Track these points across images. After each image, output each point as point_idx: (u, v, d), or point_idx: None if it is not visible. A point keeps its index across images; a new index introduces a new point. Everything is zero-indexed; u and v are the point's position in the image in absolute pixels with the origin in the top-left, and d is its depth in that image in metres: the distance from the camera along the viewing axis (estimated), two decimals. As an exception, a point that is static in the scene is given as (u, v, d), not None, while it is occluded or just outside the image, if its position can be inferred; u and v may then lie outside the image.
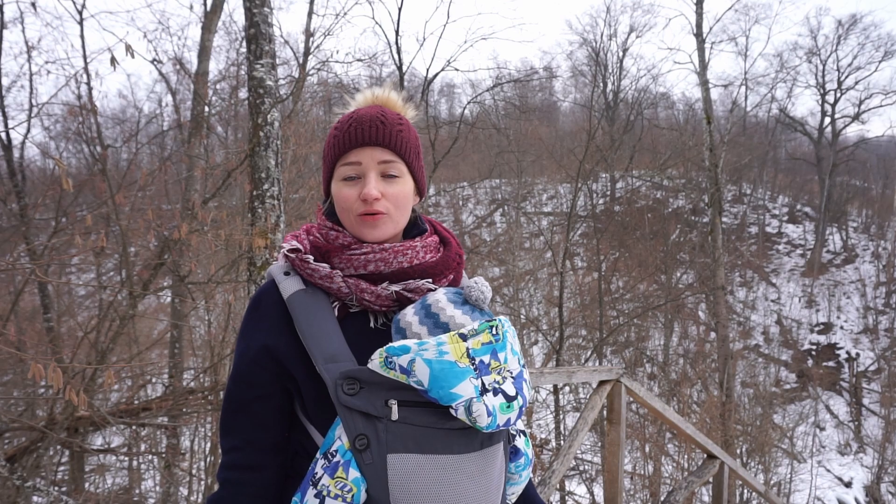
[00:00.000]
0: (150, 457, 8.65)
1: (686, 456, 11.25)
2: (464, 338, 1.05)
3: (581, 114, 32.01)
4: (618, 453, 4.19)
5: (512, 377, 1.07)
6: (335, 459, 1.01)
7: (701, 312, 21.86)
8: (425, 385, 1.00)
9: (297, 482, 1.11)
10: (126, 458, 8.55)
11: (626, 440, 4.63)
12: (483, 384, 1.02)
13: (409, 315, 1.11)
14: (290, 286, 1.14)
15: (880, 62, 29.27)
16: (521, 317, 17.21)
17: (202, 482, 8.58)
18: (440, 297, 1.13)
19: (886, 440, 18.42)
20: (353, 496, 0.99)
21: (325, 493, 1.00)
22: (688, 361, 18.61)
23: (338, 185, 1.17)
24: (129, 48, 3.84)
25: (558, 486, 11.11)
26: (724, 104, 30.54)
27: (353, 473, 0.99)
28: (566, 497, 11.82)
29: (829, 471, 17.14)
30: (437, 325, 1.09)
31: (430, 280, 1.18)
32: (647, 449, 11.87)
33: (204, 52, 9.48)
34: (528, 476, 1.31)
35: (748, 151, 27.57)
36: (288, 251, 1.17)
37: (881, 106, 30.69)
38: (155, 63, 10.48)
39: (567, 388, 16.13)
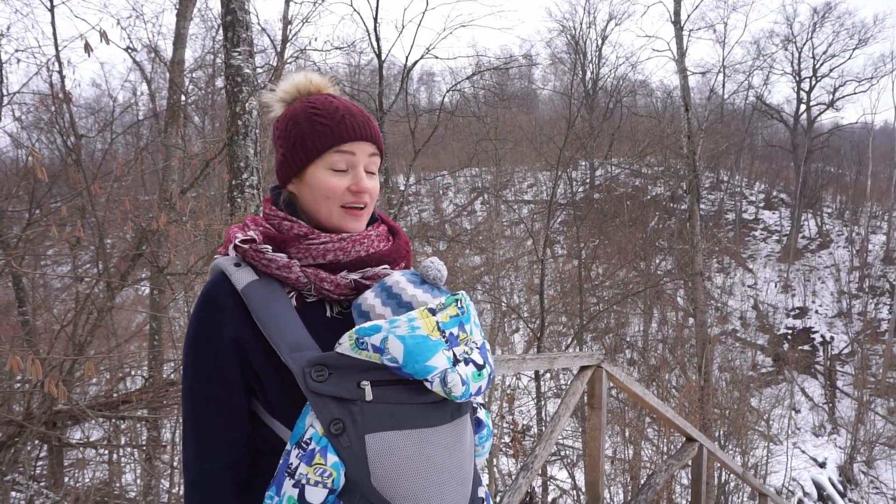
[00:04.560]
0: (130, 450, 8.58)
1: (665, 440, 11.41)
2: (433, 312, 1.08)
3: (560, 102, 32.07)
4: (599, 438, 4.24)
5: (477, 347, 1.11)
6: (310, 447, 1.01)
7: (679, 298, 22.11)
8: (400, 361, 1.02)
9: (261, 480, 1.10)
10: (106, 452, 8.46)
11: (606, 425, 4.69)
12: (454, 355, 1.06)
13: (371, 298, 1.14)
14: (242, 277, 1.12)
15: (854, 50, 29.65)
16: (503, 305, 17.28)
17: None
18: (399, 279, 1.15)
19: (859, 421, 18.85)
20: (332, 481, 1.00)
21: (303, 481, 0.99)
22: (667, 347, 18.84)
23: (323, 173, 1.17)
24: (103, 35, 3.78)
25: (540, 471, 11.22)
26: (701, 92, 30.77)
27: (332, 458, 1.00)
28: (548, 482, 11.95)
29: (804, 452, 17.51)
30: (401, 304, 1.12)
31: (387, 267, 1.21)
32: (627, 433, 12.02)
33: (179, 39, 9.32)
34: (489, 448, 1.36)
35: (725, 139, 27.81)
36: (241, 242, 1.15)
37: (855, 93, 31.13)
38: (129, 51, 10.32)
39: (548, 375, 16.25)
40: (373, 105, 12.21)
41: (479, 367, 1.09)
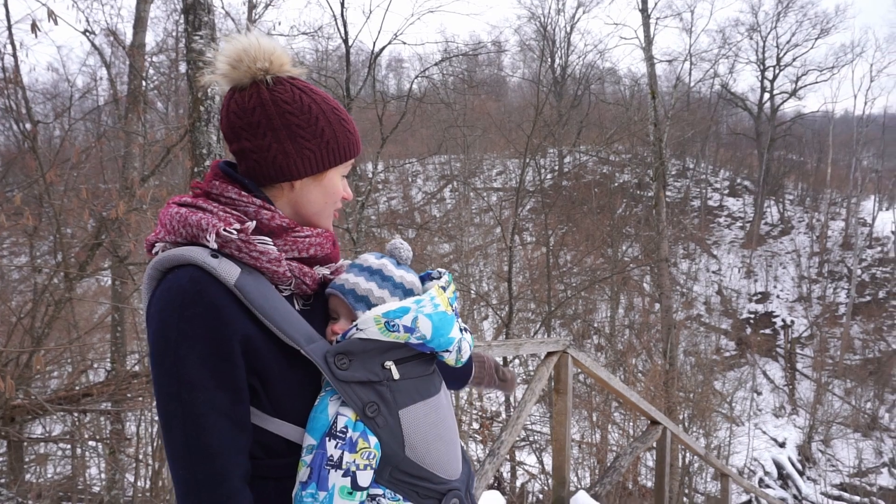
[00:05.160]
0: (93, 444, 8.42)
1: (631, 423, 11.62)
2: (444, 289, 1.19)
3: (529, 89, 32.10)
4: (565, 423, 4.29)
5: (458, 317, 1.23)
6: (348, 435, 1.03)
7: (646, 284, 22.45)
8: (428, 337, 1.11)
9: (255, 485, 1.06)
10: (69, 447, 8.29)
11: (573, 410, 4.75)
12: (460, 326, 1.20)
13: (363, 282, 1.17)
14: (231, 270, 1.03)
15: (816, 40, 30.22)
16: (472, 292, 17.35)
17: (149, 467, 8.41)
18: (385, 262, 1.21)
19: (817, 402, 19.46)
20: (375, 461, 1.05)
21: (353, 468, 1.03)
22: (633, 332, 19.14)
23: (337, 178, 1.20)
24: (51, 14, 3.64)
25: (508, 456, 11.33)
26: (668, 80, 31.12)
27: (373, 440, 1.05)
28: (516, 466, 12.08)
29: (764, 433, 18.00)
30: (396, 286, 1.18)
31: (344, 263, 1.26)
32: (594, 418, 12.21)
33: (140, 22, 9.09)
34: None
35: (691, 126, 28.17)
36: (237, 230, 1.05)
37: (816, 83, 31.75)
38: (87, 34, 9.99)
39: (517, 361, 16.39)
40: (340, 91, 12.06)
41: (471, 334, 1.23)
